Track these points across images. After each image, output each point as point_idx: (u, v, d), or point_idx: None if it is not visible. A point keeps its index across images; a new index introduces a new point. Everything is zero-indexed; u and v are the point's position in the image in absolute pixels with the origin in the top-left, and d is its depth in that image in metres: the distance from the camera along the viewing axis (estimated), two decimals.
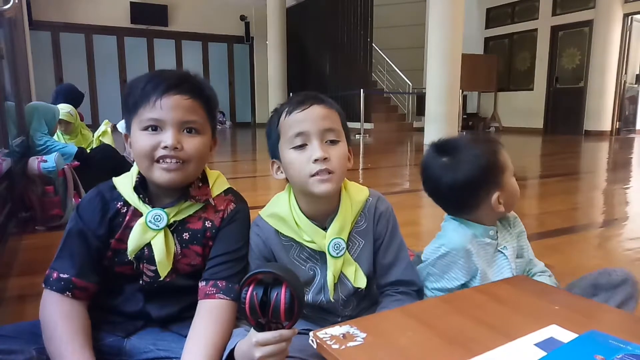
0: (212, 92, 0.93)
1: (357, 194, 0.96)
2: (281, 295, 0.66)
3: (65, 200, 2.37)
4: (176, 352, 0.85)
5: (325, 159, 0.85)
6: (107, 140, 3.46)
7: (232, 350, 0.79)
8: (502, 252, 1.00)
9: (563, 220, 2.51)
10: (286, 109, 0.89)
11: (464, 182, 0.94)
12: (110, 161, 2.92)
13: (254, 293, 0.67)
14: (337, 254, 0.91)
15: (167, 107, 0.84)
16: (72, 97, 3.52)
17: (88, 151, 3.05)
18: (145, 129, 0.85)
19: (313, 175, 0.86)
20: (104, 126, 3.54)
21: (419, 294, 0.99)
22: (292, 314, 0.67)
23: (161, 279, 0.89)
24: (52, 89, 3.98)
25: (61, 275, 0.86)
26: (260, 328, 0.70)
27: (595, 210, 2.95)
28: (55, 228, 2.26)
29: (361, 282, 0.93)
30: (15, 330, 0.85)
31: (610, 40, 8.51)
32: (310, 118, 0.87)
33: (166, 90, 0.84)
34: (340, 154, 0.88)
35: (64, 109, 3.14)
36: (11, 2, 2.26)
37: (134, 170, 0.92)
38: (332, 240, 0.90)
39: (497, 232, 1.01)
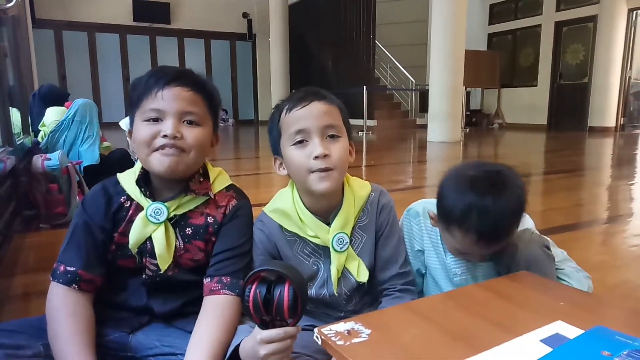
0: (213, 88, 0.94)
1: (359, 189, 0.96)
2: (284, 292, 0.66)
3: (69, 198, 2.38)
4: (181, 348, 0.85)
5: (325, 155, 0.85)
6: None
7: (237, 347, 0.79)
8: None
9: (567, 216, 2.50)
10: (287, 106, 0.89)
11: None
12: (127, 162, 2.93)
13: (258, 291, 0.67)
14: (341, 248, 0.91)
15: (168, 97, 0.86)
16: (52, 99, 3.19)
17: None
18: (147, 120, 0.87)
19: (313, 172, 0.86)
20: None
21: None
22: (296, 312, 0.67)
23: (162, 272, 0.90)
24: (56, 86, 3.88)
25: (68, 268, 0.87)
26: (264, 326, 0.70)
27: (600, 206, 2.94)
28: (59, 226, 2.27)
29: (364, 276, 0.93)
30: (22, 326, 0.86)
31: (614, 36, 8.45)
32: (310, 115, 0.87)
33: (168, 83, 0.86)
34: (341, 149, 0.88)
35: (54, 117, 2.89)
36: (14, 1, 2.26)
37: (138, 165, 0.93)
38: (336, 235, 0.91)
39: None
